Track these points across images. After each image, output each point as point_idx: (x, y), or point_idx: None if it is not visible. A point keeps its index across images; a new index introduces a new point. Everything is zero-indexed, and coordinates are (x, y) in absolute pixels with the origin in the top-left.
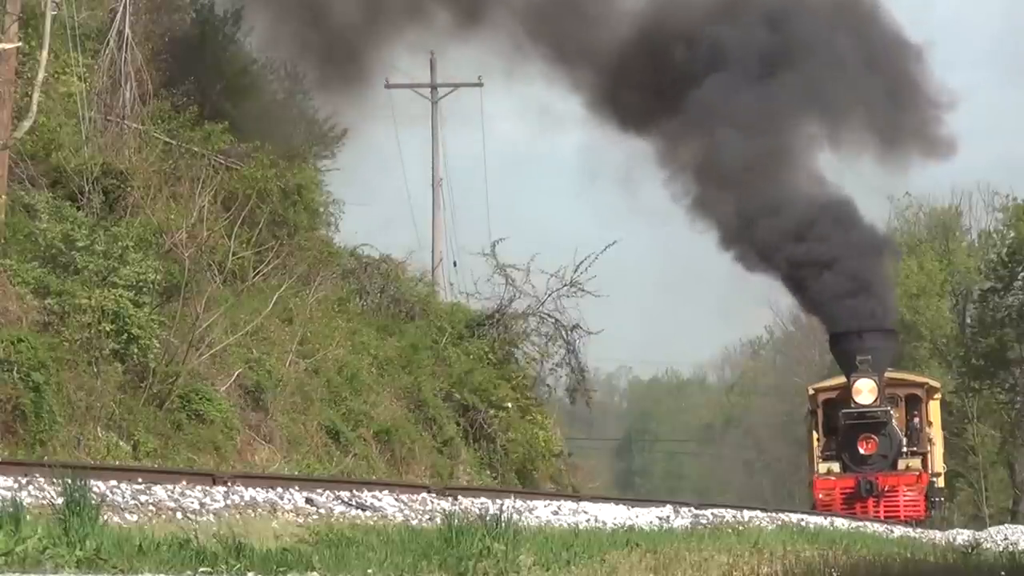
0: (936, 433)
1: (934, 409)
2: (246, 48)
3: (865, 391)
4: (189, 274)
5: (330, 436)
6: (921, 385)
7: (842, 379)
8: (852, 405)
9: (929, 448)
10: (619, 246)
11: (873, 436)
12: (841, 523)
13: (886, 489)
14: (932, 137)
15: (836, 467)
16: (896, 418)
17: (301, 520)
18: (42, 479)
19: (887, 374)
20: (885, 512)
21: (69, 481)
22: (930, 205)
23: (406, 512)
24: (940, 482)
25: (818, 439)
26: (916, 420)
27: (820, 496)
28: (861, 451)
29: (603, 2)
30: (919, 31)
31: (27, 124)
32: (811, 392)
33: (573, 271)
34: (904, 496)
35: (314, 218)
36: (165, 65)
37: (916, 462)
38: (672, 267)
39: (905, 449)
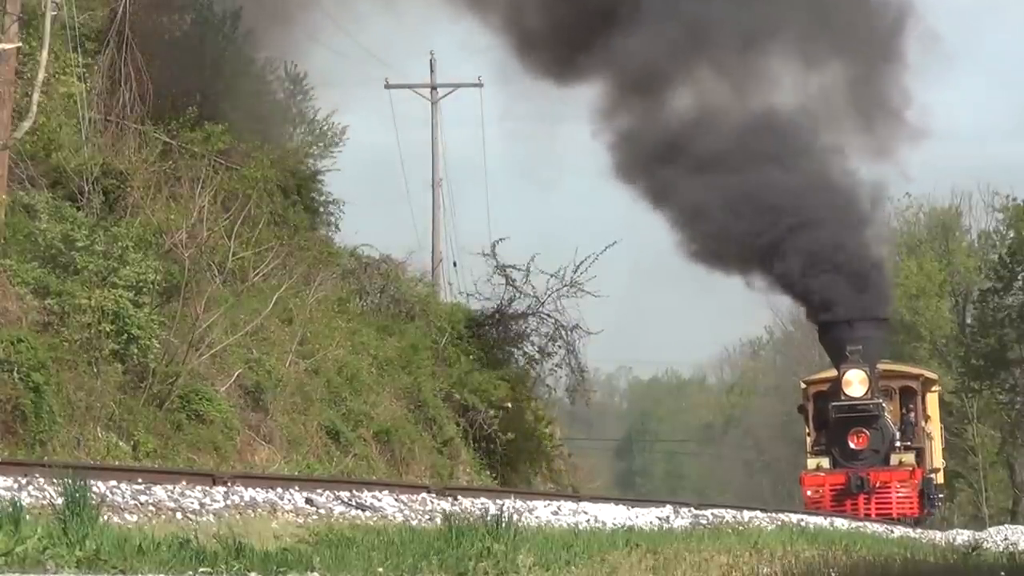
0: (934, 427)
1: (932, 402)
2: (245, 48)
3: (855, 382)
4: (189, 274)
5: (330, 436)
6: (916, 377)
7: (833, 372)
8: (842, 397)
9: (926, 443)
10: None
11: (864, 430)
12: (841, 523)
13: (877, 485)
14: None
15: (826, 463)
16: (889, 411)
17: (301, 520)
18: (42, 479)
19: (880, 365)
20: (877, 510)
21: (69, 481)
22: (930, 205)
23: (406, 512)
24: (939, 478)
25: (808, 433)
26: (911, 414)
27: (809, 493)
28: (851, 446)
29: None
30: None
31: (27, 124)
32: (803, 386)
33: (573, 271)
34: (897, 493)
35: (314, 218)
36: (165, 65)
37: (910, 457)
38: (662, 260)
39: (898, 444)
